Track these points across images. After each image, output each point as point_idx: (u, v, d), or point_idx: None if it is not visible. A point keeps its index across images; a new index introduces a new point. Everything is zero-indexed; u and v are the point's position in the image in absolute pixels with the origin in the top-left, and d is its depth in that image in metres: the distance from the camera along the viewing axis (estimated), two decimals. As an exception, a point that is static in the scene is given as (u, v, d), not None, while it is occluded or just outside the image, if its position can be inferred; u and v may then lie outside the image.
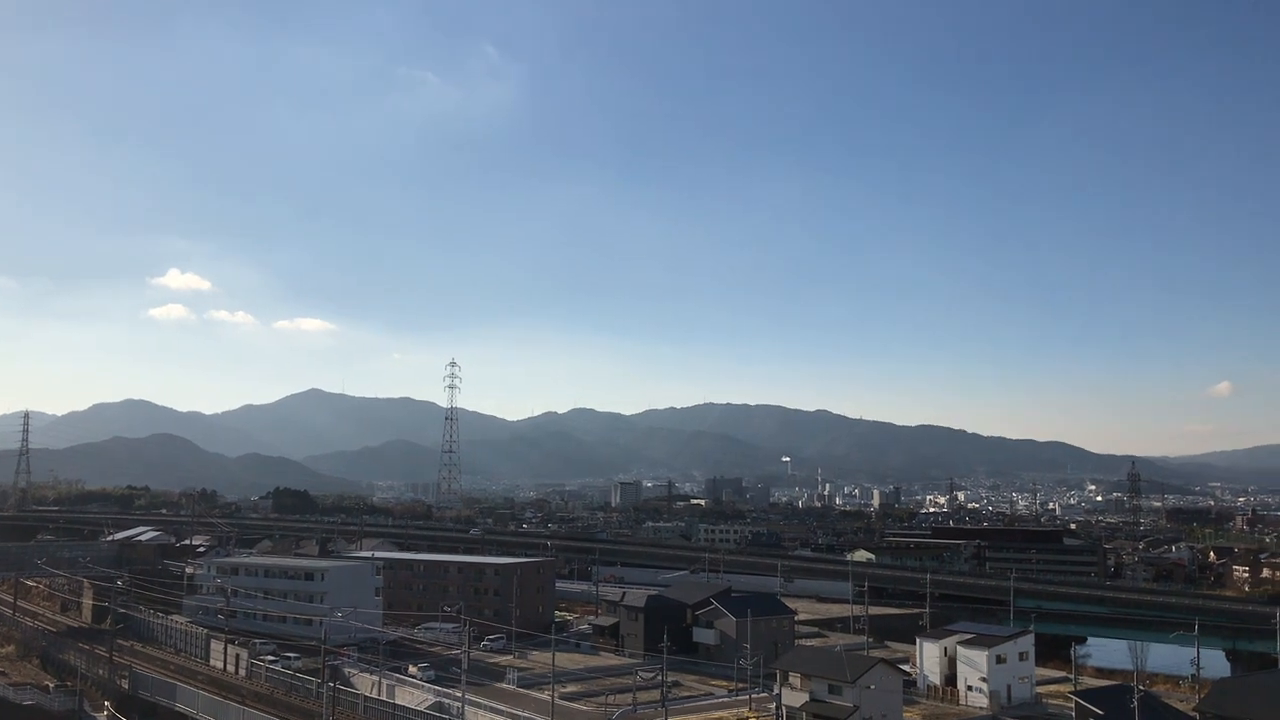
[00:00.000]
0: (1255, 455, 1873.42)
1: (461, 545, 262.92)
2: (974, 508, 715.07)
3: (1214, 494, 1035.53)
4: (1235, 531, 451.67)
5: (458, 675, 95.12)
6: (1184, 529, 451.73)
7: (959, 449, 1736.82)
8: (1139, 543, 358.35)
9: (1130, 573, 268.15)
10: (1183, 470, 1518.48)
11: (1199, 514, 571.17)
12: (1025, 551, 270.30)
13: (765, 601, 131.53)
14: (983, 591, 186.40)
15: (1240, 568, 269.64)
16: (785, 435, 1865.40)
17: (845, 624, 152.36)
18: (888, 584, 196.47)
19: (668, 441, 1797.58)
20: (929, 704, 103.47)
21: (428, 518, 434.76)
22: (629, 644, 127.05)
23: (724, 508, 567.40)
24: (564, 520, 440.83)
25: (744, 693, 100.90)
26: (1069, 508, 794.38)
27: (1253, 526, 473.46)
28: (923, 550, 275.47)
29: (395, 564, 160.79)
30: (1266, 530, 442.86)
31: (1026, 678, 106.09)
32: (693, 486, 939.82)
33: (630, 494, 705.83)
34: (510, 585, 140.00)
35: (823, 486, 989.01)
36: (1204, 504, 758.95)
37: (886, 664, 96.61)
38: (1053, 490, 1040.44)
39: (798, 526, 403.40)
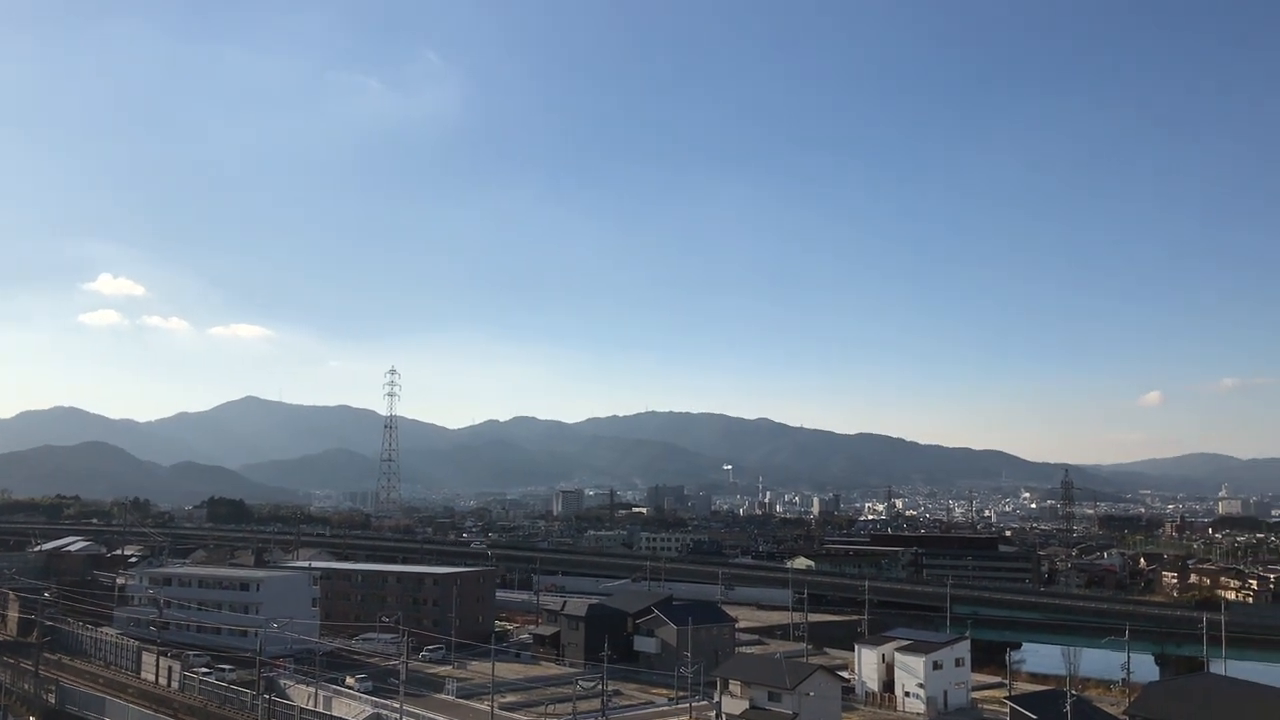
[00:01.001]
0: (1184, 464, 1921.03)
1: (400, 555, 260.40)
2: (912, 515, 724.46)
3: (1144, 501, 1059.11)
4: (1165, 538, 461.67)
5: (396, 686, 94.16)
6: (1115, 536, 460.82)
7: (897, 457, 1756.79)
8: (1072, 549, 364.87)
9: (1064, 579, 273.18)
10: (1114, 478, 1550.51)
11: (1130, 521, 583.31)
12: (962, 558, 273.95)
13: (706, 610, 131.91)
14: (920, 598, 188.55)
15: (1169, 574, 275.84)
16: (727, 443, 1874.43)
17: (785, 631, 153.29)
18: (827, 591, 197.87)
19: (610, 450, 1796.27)
20: (867, 710, 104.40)
21: (366, 527, 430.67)
22: (570, 653, 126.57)
23: (666, 516, 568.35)
24: (505, 529, 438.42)
25: (685, 701, 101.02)
26: (1004, 515, 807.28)
27: (1181, 533, 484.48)
28: (861, 557, 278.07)
29: (333, 574, 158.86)
30: (1194, 537, 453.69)
31: (963, 683, 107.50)
32: (635, 495, 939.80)
33: (572, 502, 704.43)
34: (449, 595, 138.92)
35: (763, 494, 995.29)
36: (1135, 511, 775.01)
37: (825, 671, 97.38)
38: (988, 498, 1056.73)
39: (739, 534, 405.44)
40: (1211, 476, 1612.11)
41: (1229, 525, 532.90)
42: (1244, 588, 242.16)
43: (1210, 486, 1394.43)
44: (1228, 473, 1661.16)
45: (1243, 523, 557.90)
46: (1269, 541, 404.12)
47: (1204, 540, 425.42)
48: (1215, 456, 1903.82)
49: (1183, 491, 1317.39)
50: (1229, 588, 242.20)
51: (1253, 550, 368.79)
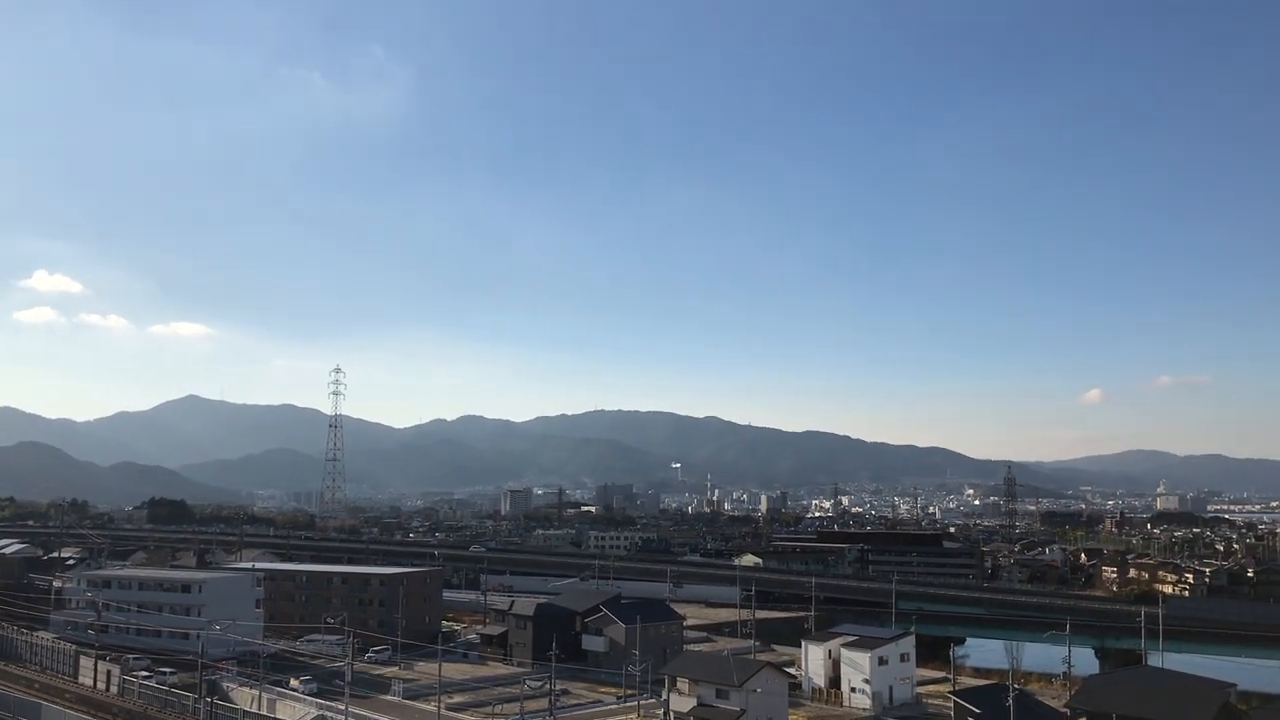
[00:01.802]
0: (1123, 460, 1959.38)
1: (346, 556, 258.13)
2: (858, 512, 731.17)
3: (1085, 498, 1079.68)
4: (1104, 534, 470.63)
5: (341, 688, 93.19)
6: (1057, 532, 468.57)
7: (844, 455, 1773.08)
8: (1015, 545, 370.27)
9: (1006, 574, 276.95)
10: (1056, 475, 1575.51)
11: (1071, 517, 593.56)
12: (907, 555, 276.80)
13: (654, 608, 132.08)
14: (866, 594, 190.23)
15: (1109, 568, 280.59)
16: (676, 441, 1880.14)
17: (733, 628, 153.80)
18: (774, 588, 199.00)
19: (559, 449, 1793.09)
20: (814, 706, 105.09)
21: (311, 528, 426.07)
22: (518, 653, 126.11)
23: (615, 514, 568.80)
24: (452, 529, 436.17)
25: (633, 699, 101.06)
26: (949, 511, 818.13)
27: (1120, 529, 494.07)
28: (808, 554, 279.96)
29: (277, 575, 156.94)
30: (1133, 532, 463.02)
31: (908, 678, 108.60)
32: (584, 493, 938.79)
33: (520, 502, 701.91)
34: (396, 595, 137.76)
35: (712, 492, 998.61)
36: (1075, 507, 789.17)
37: (772, 667, 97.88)
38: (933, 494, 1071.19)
39: (687, 532, 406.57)
40: (1150, 473, 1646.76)
41: (1167, 521, 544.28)
42: (1181, 582, 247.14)
43: (1149, 483, 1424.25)
44: (1165, 469, 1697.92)
45: (1180, 518, 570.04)
46: (1205, 536, 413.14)
47: (1142, 535, 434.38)
48: (1153, 453, 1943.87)
49: (1122, 488, 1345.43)
50: (1167, 582, 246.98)
51: (1189, 545, 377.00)
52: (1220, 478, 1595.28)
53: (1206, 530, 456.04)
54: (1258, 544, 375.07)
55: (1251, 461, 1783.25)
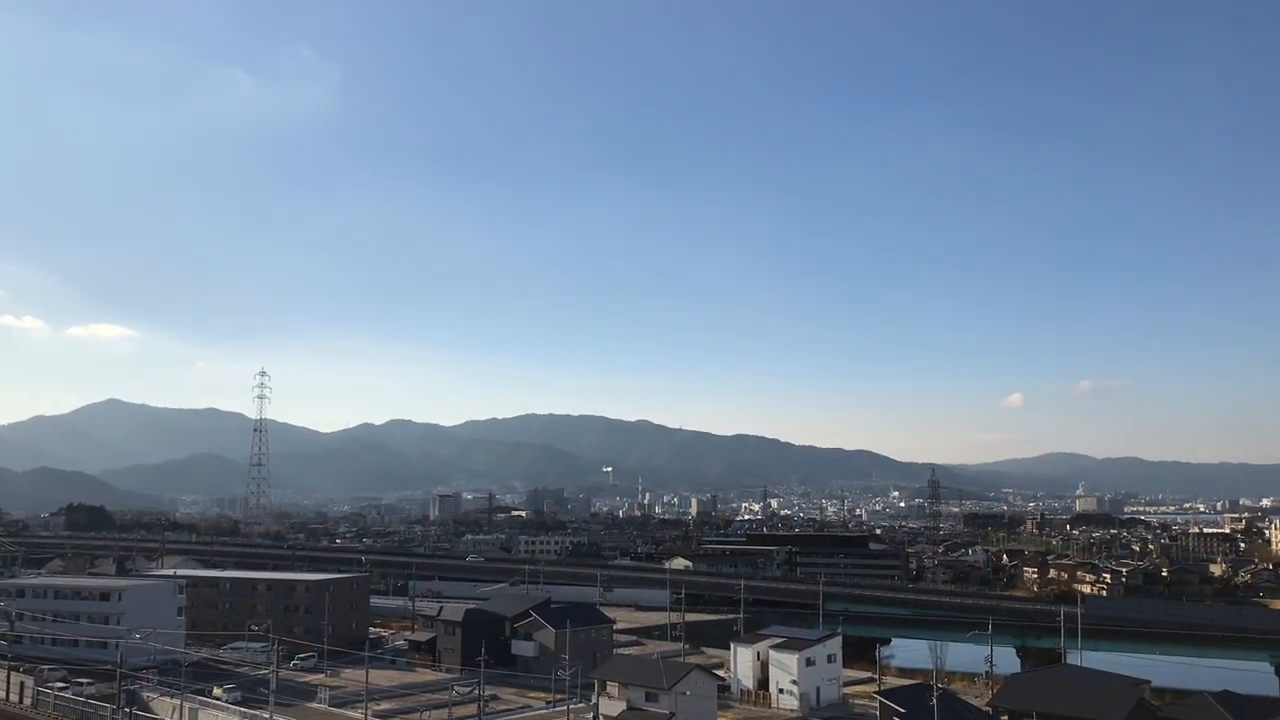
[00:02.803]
0: (1043, 463, 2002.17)
1: (271, 562, 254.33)
2: (786, 514, 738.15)
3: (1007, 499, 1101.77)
4: (1026, 535, 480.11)
5: (266, 696, 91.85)
6: (980, 533, 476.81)
7: (773, 458, 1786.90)
8: (939, 546, 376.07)
9: (931, 575, 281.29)
10: (979, 477, 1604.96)
11: (993, 519, 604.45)
12: (834, 556, 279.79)
13: (584, 612, 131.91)
14: (794, 596, 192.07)
15: (1030, 569, 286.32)
16: (607, 445, 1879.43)
17: (663, 631, 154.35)
18: (704, 591, 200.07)
19: (489, 453, 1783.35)
20: (742, 708, 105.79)
21: (235, 534, 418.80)
22: (446, 659, 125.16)
23: (545, 519, 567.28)
24: (380, 534, 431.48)
25: (562, 703, 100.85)
26: (875, 513, 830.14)
27: (1041, 530, 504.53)
28: (738, 556, 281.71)
29: (199, 582, 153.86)
30: (1053, 533, 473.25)
31: (835, 679, 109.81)
32: (514, 498, 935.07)
33: (449, 507, 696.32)
34: (322, 602, 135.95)
35: (643, 496, 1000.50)
36: (998, 509, 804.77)
37: (702, 670, 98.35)
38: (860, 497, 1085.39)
39: (618, 536, 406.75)
40: (1069, 475, 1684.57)
41: (1085, 522, 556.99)
42: (1099, 582, 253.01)
43: (1068, 485, 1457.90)
44: (1084, 471, 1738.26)
45: (1098, 519, 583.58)
46: (1122, 537, 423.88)
47: (1062, 536, 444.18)
48: (1073, 456, 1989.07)
49: (1043, 489, 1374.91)
50: (1085, 582, 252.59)
51: (1107, 545, 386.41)
52: (1136, 480, 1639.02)
53: (1123, 531, 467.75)
54: (1171, 544, 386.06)
55: (1166, 464, 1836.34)
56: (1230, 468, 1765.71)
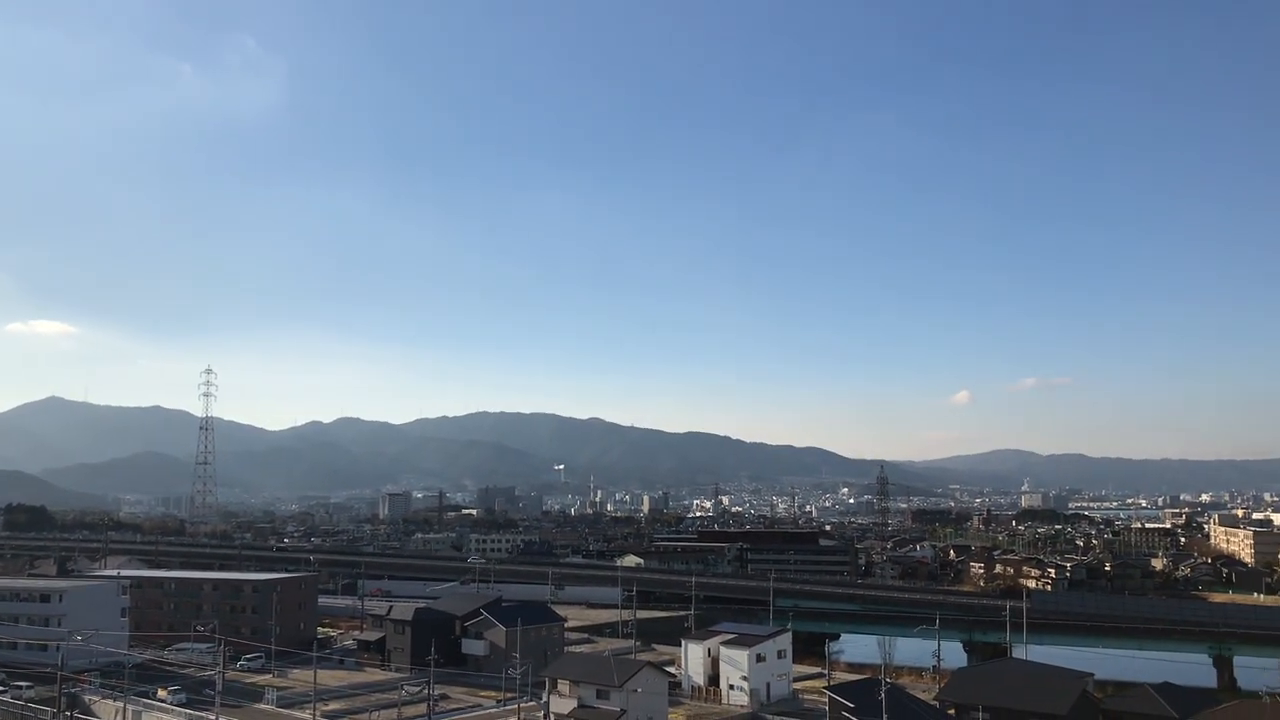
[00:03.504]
0: (989, 459, 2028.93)
1: (217, 562, 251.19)
2: (737, 511, 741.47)
3: (954, 496, 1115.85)
4: (972, 531, 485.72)
5: (212, 697, 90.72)
6: (927, 529, 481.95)
7: (725, 455, 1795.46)
8: (887, 542, 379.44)
9: (879, 571, 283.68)
10: (926, 473, 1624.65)
11: (940, 515, 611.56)
12: (784, 553, 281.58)
13: (535, 610, 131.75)
14: (745, 592, 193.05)
15: (976, 564, 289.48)
16: (559, 443, 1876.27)
17: (614, 629, 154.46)
18: (656, 588, 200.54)
19: (440, 451, 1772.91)
20: (693, 704, 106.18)
21: (181, 533, 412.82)
22: (396, 658, 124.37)
23: (496, 517, 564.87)
24: (328, 534, 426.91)
25: (513, 702, 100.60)
26: (824, 510, 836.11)
27: (987, 526, 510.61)
28: (689, 553, 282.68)
29: (144, 582, 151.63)
30: (999, 529, 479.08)
31: (785, 675, 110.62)
32: (465, 496, 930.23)
33: (399, 505, 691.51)
34: (269, 602, 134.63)
35: (595, 493, 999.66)
36: (945, 505, 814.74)
37: (653, 667, 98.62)
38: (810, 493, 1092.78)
39: (570, 534, 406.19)
40: (1015, 471, 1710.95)
41: (1031, 517, 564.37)
42: (1044, 577, 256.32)
43: (1014, 481, 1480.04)
44: (1030, 468, 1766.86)
45: (1043, 515, 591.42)
46: (1066, 533, 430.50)
47: (1008, 532, 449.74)
48: (1019, 452, 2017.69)
49: (989, 486, 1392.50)
50: (1030, 577, 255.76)
51: (1052, 541, 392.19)
52: (1080, 476, 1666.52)
53: (1067, 527, 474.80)
54: (1114, 539, 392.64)
55: (1109, 460, 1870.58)
56: (1171, 464, 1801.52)
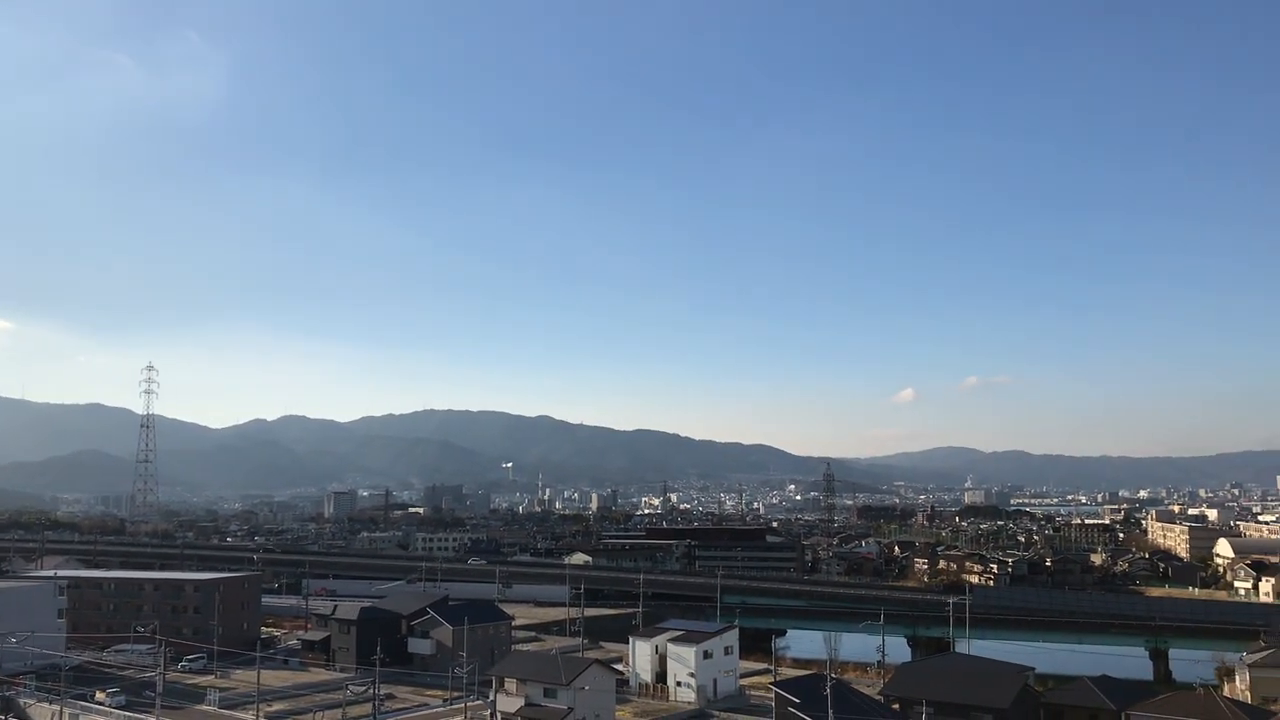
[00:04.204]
0: (933, 456, 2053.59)
1: (159, 562, 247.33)
2: (686, 509, 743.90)
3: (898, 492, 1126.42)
4: (916, 527, 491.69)
5: (152, 699, 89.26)
6: (872, 525, 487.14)
7: (673, 452, 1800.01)
8: (833, 539, 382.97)
9: (826, 567, 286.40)
10: (872, 470, 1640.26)
11: (885, 511, 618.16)
12: (732, 549, 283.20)
13: (482, 609, 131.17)
14: (693, 589, 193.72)
15: (920, 560, 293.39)
16: (508, 441, 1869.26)
17: (562, 627, 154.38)
18: (604, 585, 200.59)
19: (386, 449, 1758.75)
20: (640, 702, 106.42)
21: (121, 533, 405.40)
22: (341, 658, 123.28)
23: (443, 515, 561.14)
24: (272, 533, 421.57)
25: (459, 701, 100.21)
26: (772, 507, 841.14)
27: (931, 522, 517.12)
28: (637, 551, 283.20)
29: (82, 583, 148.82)
30: (943, 525, 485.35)
31: (732, 671, 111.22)
32: (412, 495, 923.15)
33: (345, 504, 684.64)
34: (212, 601, 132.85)
35: (543, 491, 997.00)
36: (890, 502, 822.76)
37: (601, 664, 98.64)
38: (757, 490, 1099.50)
39: (518, 532, 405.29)
40: (958, 468, 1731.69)
41: (973, 514, 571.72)
42: (986, 572, 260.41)
43: (957, 477, 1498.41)
44: (973, 464, 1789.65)
45: (985, 511, 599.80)
46: (1008, 529, 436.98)
47: (951, 528, 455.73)
48: (962, 450, 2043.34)
49: (933, 482, 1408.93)
50: (973, 572, 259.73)
51: (994, 537, 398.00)
52: (1022, 473, 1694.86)
53: (1009, 523, 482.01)
54: (1055, 535, 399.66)
55: (1049, 457, 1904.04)
56: (1110, 461, 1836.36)
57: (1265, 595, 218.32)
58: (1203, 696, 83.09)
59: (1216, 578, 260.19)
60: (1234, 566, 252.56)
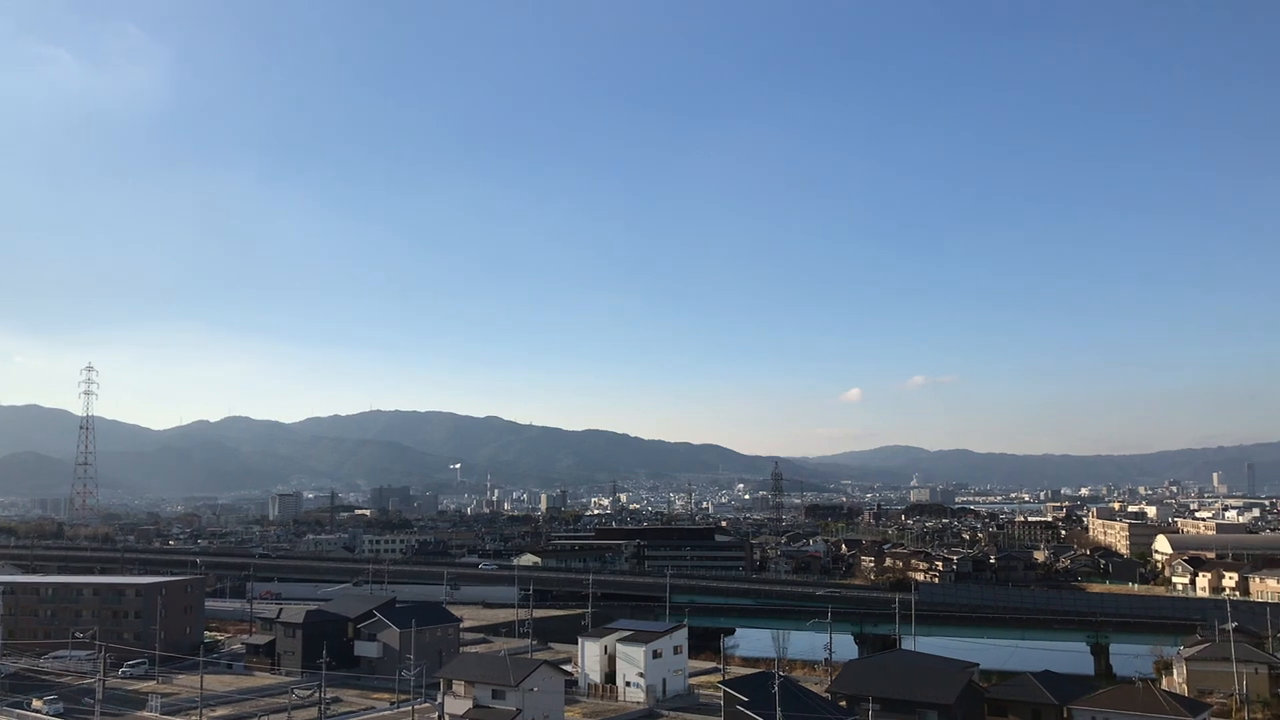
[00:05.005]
0: (879, 455, 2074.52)
1: (99, 566, 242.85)
2: (635, 508, 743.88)
3: (846, 491, 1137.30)
4: (863, 525, 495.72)
5: (92, 706, 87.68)
6: (820, 524, 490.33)
7: (623, 452, 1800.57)
8: (781, 537, 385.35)
9: (774, 565, 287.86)
10: (820, 469, 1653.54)
11: (833, 510, 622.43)
12: (681, 549, 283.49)
13: (430, 611, 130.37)
14: (642, 589, 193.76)
15: (867, 558, 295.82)
16: (456, 442, 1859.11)
17: (511, 628, 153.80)
18: (553, 586, 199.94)
19: (332, 451, 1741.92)
20: (589, 702, 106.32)
21: (59, 536, 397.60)
22: (286, 662, 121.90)
23: (391, 517, 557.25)
24: (216, 536, 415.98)
25: (407, 704, 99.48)
26: (721, 506, 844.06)
27: (878, 520, 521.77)
28: (587, 551, 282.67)
29: (18, 588, 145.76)
30: (889, 523, 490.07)
31: (681, 670, 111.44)
32: (358, 497, 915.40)
33: (290, 506, 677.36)
34: (153, 606, 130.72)
35: (492, 492, 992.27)
36: (838, 500, 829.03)
37: (549, 665, 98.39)
38: (707, 490, 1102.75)
39: (466, 533, 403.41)
40: (904, 467, 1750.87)
41: (919, 512, 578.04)
42: (932, 569, 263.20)
43: (904, 476, 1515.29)
44: (918, 463, 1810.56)
45: (931, 509, 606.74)
46: (953, 526, 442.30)
47: (898, 526, 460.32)
48: (908, 448, 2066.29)
49: (880, 481, 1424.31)
50: (919, 570, 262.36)
51: (939, 534, 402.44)
52: (966, 471, 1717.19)
53: (954, 520, 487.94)
54: (999, 532, 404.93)
55: (993, 456, 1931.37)
56: (1053, 459, 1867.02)
57: (1202, 590, 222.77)
58: (1141, 689, 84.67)
59: (1155, 573, 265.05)
60: (1172, 562, 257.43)
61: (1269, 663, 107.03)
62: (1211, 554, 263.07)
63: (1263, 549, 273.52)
